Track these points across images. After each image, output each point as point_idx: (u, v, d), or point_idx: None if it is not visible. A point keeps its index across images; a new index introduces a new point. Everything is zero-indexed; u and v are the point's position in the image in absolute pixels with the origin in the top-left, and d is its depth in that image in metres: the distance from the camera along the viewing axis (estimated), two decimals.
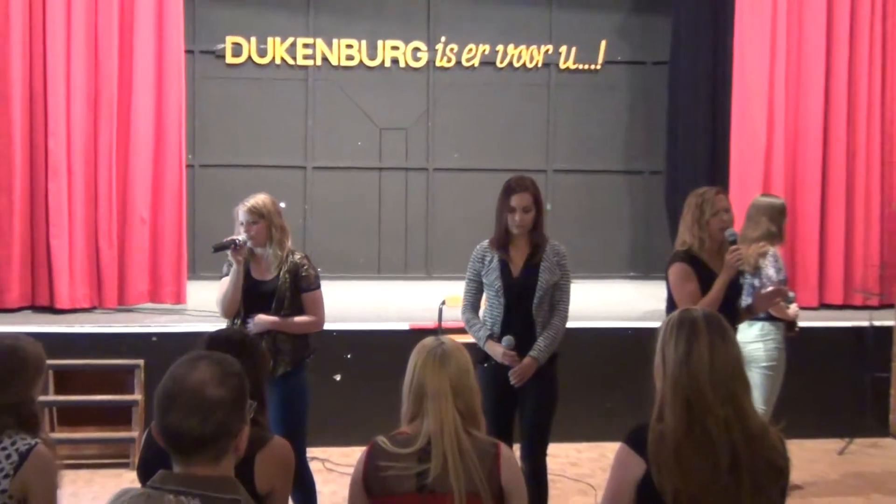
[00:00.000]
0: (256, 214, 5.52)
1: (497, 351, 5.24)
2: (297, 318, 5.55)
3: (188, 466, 2.41)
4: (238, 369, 2.53)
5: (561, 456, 7.00)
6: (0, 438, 3.43)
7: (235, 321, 5.55)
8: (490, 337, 5.29)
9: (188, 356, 2.52)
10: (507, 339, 5.23)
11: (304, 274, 5.57)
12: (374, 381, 6.94)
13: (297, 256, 5.62)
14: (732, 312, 5.40)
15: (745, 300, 5.85)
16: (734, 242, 5.42)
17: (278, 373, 5.44)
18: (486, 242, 5.41)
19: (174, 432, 2.41)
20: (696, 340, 3.20)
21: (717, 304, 5.21)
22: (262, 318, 5.46)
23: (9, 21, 8.34)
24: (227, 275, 5.61)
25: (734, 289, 5.50)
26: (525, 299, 5.28)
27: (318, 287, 5.66)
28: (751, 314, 5.90)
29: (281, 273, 5.53)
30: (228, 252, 5.49)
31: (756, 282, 6.26)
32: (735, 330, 5.46)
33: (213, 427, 2.40)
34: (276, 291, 5.51)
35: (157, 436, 2.46)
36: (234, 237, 5.47)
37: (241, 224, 5.53)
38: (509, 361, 5.21)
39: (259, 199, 5.60)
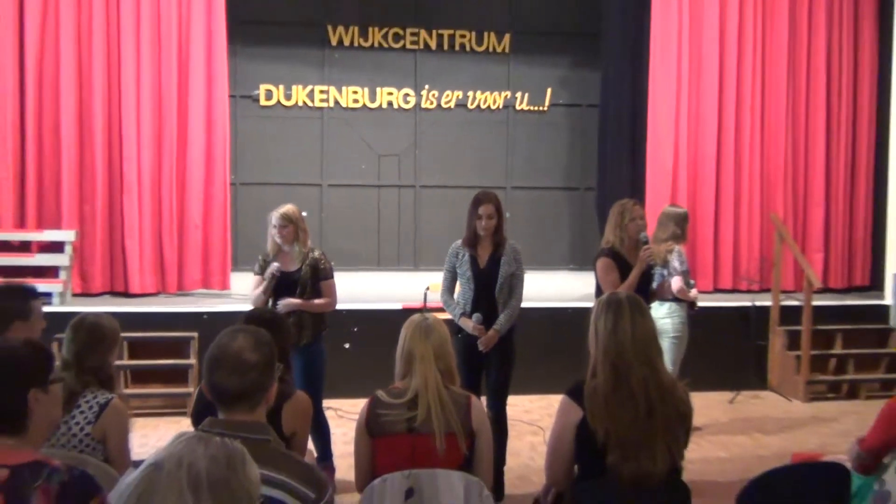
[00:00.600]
0: (287, 220, 5.49)
1: (468, 325, 5.23)
2: (317, 301, 5.52)
3: (230, 414, 2.42)
4: (268, 339, 2.52)
5: (517, 405, 6.94)
6: (84, 393, 3.42)
7: (269, 303, 5.52)
8: (463, 314, 5.28)
9: (230, 329, 2.52)
10: (476, 315, 5.23)
11: (322, 266, 5.55)
12: (374, 347, 6.86)
13: (317, 253, 5.59)
14: (645, 295, 5.40)
15: (655, 285, 5.87)
16: (646, 242, 5.47)
17: (302, 343, 5.41)
18: (458, 242, 5.39)
19: (219, 388, 2.42)
20: (621, 317, 3.23)
21: (633, 288, 5.24)
22: (290, 301, 5.43)
23: (91, 74, 8.32)
24: (258, 273, 5.58)
25: (646, 277, 5.55)
26: (489, 285, 5.27)
27: (332, 276, 5.63)
28: (657, 297, 5.93)
29: (303, 266, 5.50)
30: (268, 275, 5.44)
31: (665, 272, 6.27)
32: (649, 308, 5.53)
33: (248, 384, 2.41)
34: (300, 280, 5.48)
35: (206, 391, 2.48)
36: (273, 271, 5.41)
37: (275, 227, 5.49)
38: (478, 333, 5.21)
39: (288, 208, 5.57)
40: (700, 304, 6.74)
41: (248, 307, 5.36)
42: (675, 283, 6.24)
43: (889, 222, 9.17)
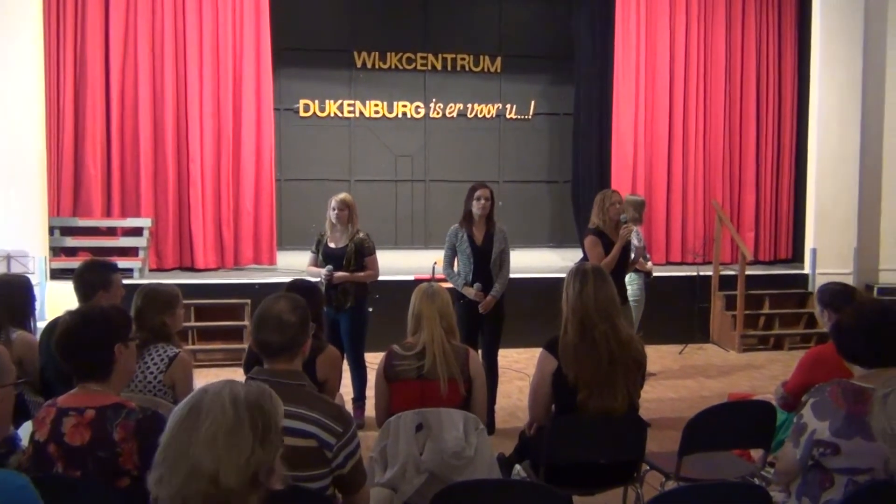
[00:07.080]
0: (343, 205, 5.39)
1: (470, 292, 5.21)
2: (360, 273, 5.40)
3: (273, 364, 2.41)
4: (304, 304, 2.51)
5: (507, 356, 6.90)
6: (152, 347, 3.33)
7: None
8: (465, 284, 5.25)
9: (272, 296, 2.51)
10: (477, 284, 5.21)
11: (366, 245, 5.43)
12: (392, 310, 6.83)
13: (362, 234, 5.46)
14: (625, 264, 5.46)
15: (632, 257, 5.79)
16: (625, 222, 5.38)
17: (347, 306, 5.34)
18: (456, 225, 5.35)
19: (263, 343, 2.41)
20: (587, 283, 3.24)
21: (616, 260, 5.25)
22: (339, 274, 5.31)
23: (164, 91, 8.32)
24: (314, 252, 5.48)
25: (625, 251, 5.46)
26: (486, 259, 5.25)
27: (374, 253, 5.49)
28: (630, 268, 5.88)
29: (349, 243, 5.39)
30: (322, 276, 5.28)
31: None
32: (624, 276, 5.57)
33: (287, 340, 2.39)
34: (346, 254, 5.36)
35: (253, 346, 2.46)
36: (323, 279, 5.25)
37: (333, 210, 5.37)
38: (479, 298, 5.19)
39: (345, 195, 5.49)
40: (655, 273, 6.73)
41: (290, 279, 5.33)
42: (634, 256, 6.21)
43: (808, 206, 9.13)
